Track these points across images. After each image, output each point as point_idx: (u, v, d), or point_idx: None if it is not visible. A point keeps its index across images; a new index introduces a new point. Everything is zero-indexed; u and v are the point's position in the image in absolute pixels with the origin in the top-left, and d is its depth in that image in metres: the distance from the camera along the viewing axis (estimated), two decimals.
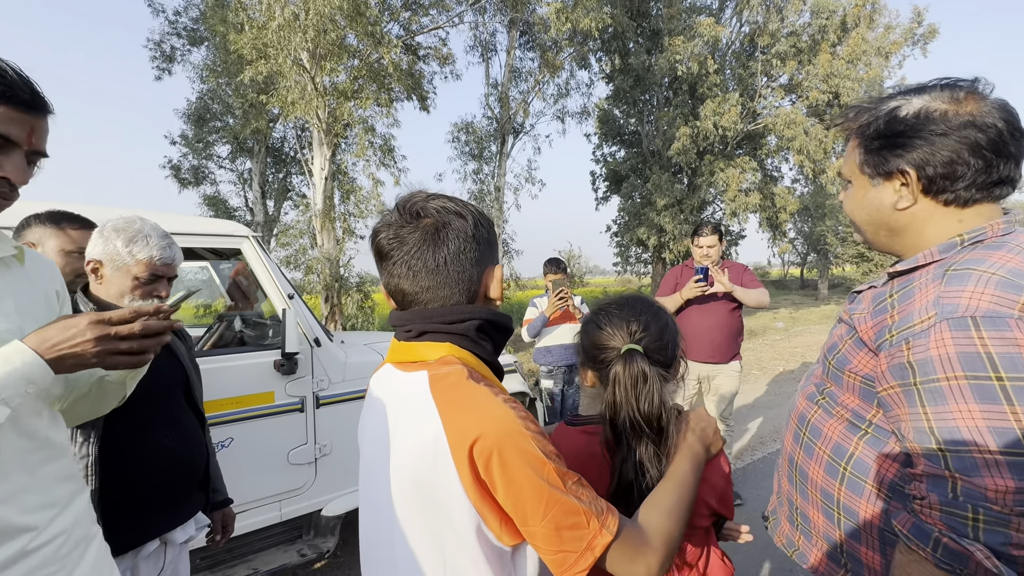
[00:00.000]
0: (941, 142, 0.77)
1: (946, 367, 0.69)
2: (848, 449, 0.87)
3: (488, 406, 0.68)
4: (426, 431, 0.69)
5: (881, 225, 0.88)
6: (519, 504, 0.65)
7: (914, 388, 0.73)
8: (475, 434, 0.66)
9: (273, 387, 2.23)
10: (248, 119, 12.11)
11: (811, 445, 0.94)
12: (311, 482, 2.34)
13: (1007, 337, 0.66)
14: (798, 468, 0.98)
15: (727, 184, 13.75)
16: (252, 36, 8.33)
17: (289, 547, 2.33)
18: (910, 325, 0.75)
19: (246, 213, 14.70)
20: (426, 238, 0.74)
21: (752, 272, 3.26)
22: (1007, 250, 0.73)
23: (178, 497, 1.33)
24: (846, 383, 0.89)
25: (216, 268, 3.20)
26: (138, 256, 1.22)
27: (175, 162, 14.34)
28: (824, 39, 13.79)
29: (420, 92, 10.26)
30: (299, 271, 9.49)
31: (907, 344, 0.74)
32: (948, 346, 0.69)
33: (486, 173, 13.85)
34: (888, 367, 0.77)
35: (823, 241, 20.58)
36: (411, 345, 0.78)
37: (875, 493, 0.83)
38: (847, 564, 0.89)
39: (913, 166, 0.79)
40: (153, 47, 13.44)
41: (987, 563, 0.64)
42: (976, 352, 0.67)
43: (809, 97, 13.72)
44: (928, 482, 0.71)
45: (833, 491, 0.89)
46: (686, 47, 12.80)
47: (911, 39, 15.05)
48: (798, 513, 0.99)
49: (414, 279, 0.75)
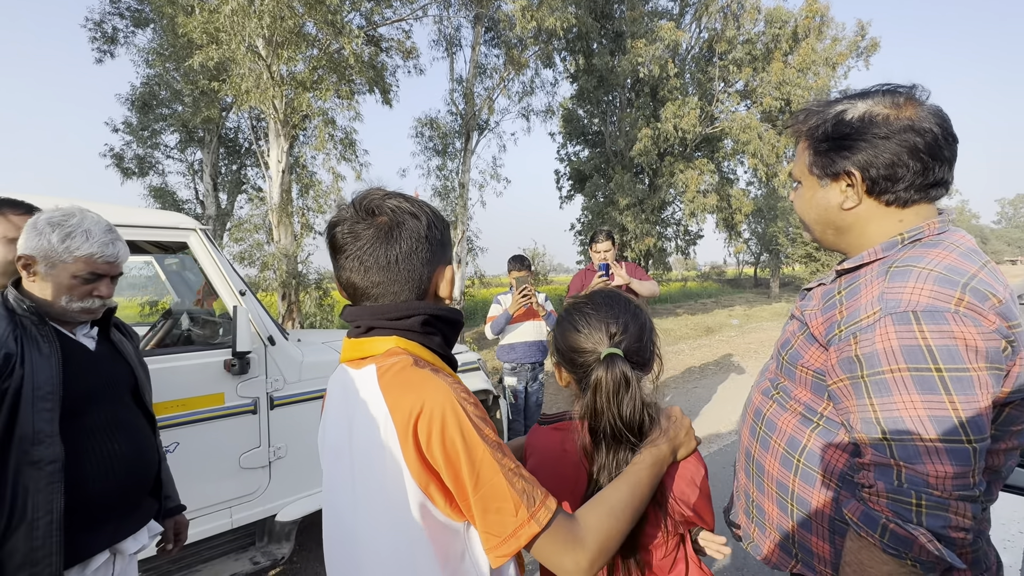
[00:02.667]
0: (883, 145, 0.80)
1: (890, 360, 0.73)
2: (801, 441, 0.90)
3: (429, 384, 0.70)
4: (376, 420, 0.71)
5: (828, 224, 0.91)
6: (458, 479, 0.67)
7: (861, 381, 0.76)
8: (417, 409, 0.68)
9: (223, 388, 2.12)
10: (199, 107, 11.52)
11: (767, 439, 0.97)
12: (264, 486, 2.24)
13: (944, 330, 0.70)
14: (755, 462, 1.00)
15: (686, 185, 14.17)
16: (203, 20, 7.90)
17: (241, 555, 2.23)
18: (857, 320, 0.78)
19: (196, 206, 13.98)
20: (379, 235, 0.76)
21: (643, 269, 3.62)
22: (943, 248, 0.78)
23: (129, 504, 1.24)
24: (799, 377, 0.92)
25: (161, 263, 3.03)
26: (76, 253, 1.12)
27: (117, 151, 13.48)
28: (777, 48, 14.43)
29: (383, 85, 10.04)
30: (254, 267, 9.11)
31: (855, 338, 0.77)
32: (892, 340, 0.73)
33: (450, 169, 13.71)
34: (838, 361, 0.81)
35: (775, 241, 21.51)
36: (360, 341, 0.79)
37: (826, 483, 0.87)
38: (798, 554, 0.92)
39: (858, 168, 0.83)
40: (93, 27, 12.58)
41: (929, 546, 0.68)
42: (917, 345, 0.71)
43: (763, 103, 14.31)
44: (875, 471, 0.74)
45: (788, 483, 0.92)
46: (648, 50, 13.08)
47: (855, 51, 15.92)
48: (754, 506, 1.02)
49: (365, 274, 0.77)
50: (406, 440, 0.68)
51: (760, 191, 23.05)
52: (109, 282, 1.21)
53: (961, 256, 0.76)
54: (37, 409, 1.05)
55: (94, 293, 1.17)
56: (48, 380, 1.07)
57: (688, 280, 32.88)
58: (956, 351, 0.70)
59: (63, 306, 1.15)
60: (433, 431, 0.67)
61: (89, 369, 1.20)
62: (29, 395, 1.04)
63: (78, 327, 1.23)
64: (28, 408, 1.04)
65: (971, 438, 0.69)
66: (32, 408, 1.04)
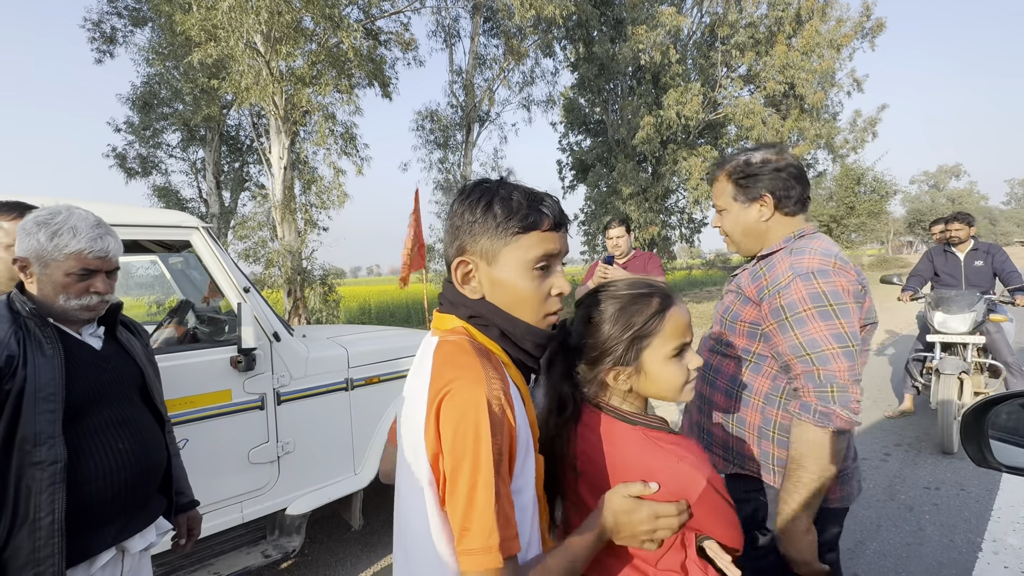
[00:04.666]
0: (779, 175, 1.26)
1: (802, 303, 1.14)
2: (740, 377, 1.30)
3: (470, 371, 0.70)
4: (420, 386, 0.73)
5: (750, 234, 1.33)
6: (454, 471, 0.67)
7: (786, 321, 1.16)
8: (447, 388, 0.69)
9: (230, 384, 2.14)
10: (199, 105, 11.52)
11: (715, 380, 1.35)
12: (274, 481, 2.27)
13: (830, 281, 1.14)
14: (706, 400, 1.36)
15: (690, 172, 14.06)
16: (200, 17, 7.87)
17: (253, 548, 2.26)
18: (778, 282, 1.19)
19: (200, 204, 14.02)
20: (471, 207, 0.78)
21: (658, 261, 3.46)
22: (817, 239, 1.25)
23: (135, 502, 1.24)
24: (738, 331, 1.31)
25: (166, 262, 3.04)
26: (66, 250, 1.11)
27: (120, 150, 13.51)
28: (780, 31, 14.21)
29: (382, 78, 9.98)
30: (259, 264, 9.14)
31: (779, 294, 1.18)
32: (802, 291, 1.14)
33: (452, 162, 13.68)
34: (769, 311, 1.20)
35: None
36: (440, 316, 0.83)
37: (755, 403, 1.27)
38: (734, 459, 1.30)
39: (768, 191, 1.26)
40: (92, 27, 12.57)
41: (842, 414, 1.07)
42: (816, 292, 1.13)
43: (766, 88, 14.13)
44: (804, 376, 1.12)
45: (730, 408, 1.31)
46: (649, 36, 12.93)
47: (860, 32, 15.67)
48: (705, 433, 1.37)
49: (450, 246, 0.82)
50: (430, 413, 0.69)
51: None
52: (105, 277, 1.19)
53: (828, 243, 1.22)
54: (39, 411, 1.05)
55: (91, 290, 1.16)
56: (50, 381, 1.07)
57: (693, 268, 32.71)
58: (838, 293, 1.13)
59: (62, 305, 1.14)
60: (452, 415, 0.67)
61: (94, 369, 1.19)
62: (31, 396, 1.05)
63: (84, 327, 1.23)
64: (30, 409, 1.04)
65: (854, 344, 1.10)
66: (34, 409, 1.05)
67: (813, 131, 15.38)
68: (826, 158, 21.00)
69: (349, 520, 2.59)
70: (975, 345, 3.87)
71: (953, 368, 3.62)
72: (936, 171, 73.03)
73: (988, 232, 62.03)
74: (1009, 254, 4.22)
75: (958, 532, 2.60)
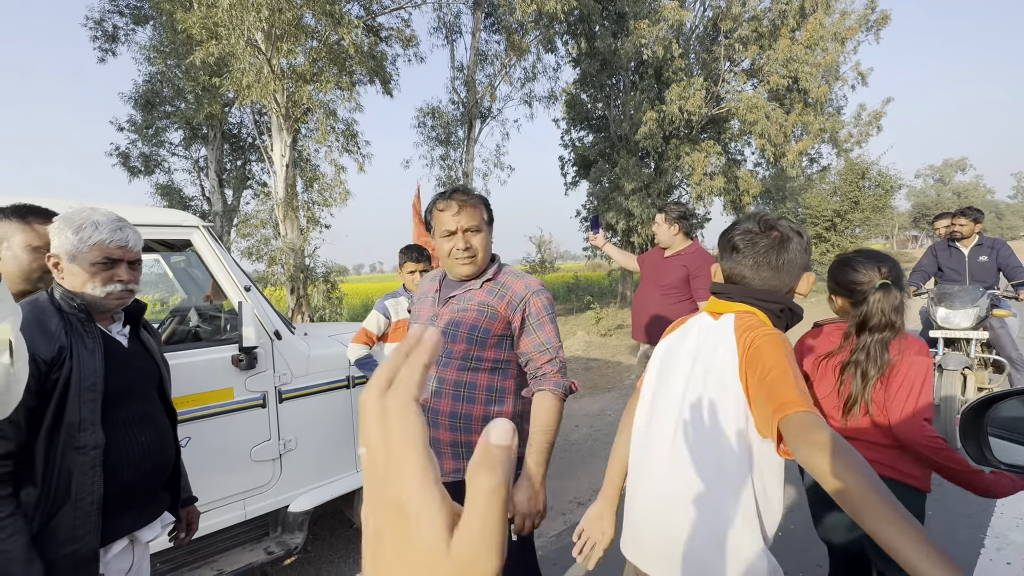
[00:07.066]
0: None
1: (540, 312, 1.49)
2: (494, 385, 1.51)
3: (772, 331, 1.02)
4: (722, 348, 1.05)
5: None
6: (761, 378, 0.95)
7: (531, 326, 1.49)
8: (758, 332, 1.01)
9: (232, 383, 2.15)
10: (201, 103, 11.53)
11: (472, 396, 1.49)
12: (276, 478, 2.28)
13: (548, 298, 1.53)
14: (461, 416, 1.49)
15: (692, 168, 13.97)
16: (201, 15, 7.87)
17: (256, 545, 2.27)
18: (522, 296, 1.49)
19: (203, 203, 14.04)
20: (774, 245, 1.08)
21: (712, 259, 3.27)
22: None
23: (149, 493, 1.33)
24: (489, 344, 1.49)
25: (168, 261, 3.05)
26: (89, 242, 1.21)
27: (123, 149, 13.53)
28: (784, 24, 14.06)
29: (383, 75, 9.97)
30: (262, 262, 9.16)
31: (525, 305, 1.48)
32: (540, 303, 1.51)
33: (454, 159, 13.65)
34: (523, 319, 1.49)
35: None
36: (725, 303, 1.13)
37: (504, 400, 1.52)
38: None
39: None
40: (93, 26, 12.57)
41: (570, 384, 1.48)
42: (546, 304, 1.51)
43: (770, 82, 14.00)
44: (549, 364, 1.46)
45: (488, 413, 1.49)
46: (651, 31, 12.83)
47: (865, 25, 15.52)
48: (462, 447, 1.51)
49: (757, 270, 1.10)
50: (743, 348, 1.01)
51: (768, 172, 22.66)
52: (127, 267, 1.27)
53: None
54: (83, 400, 1.14)
55: (115, 278, 1.24)
56: (92, 372, 1.16)
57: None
58: (551, 307, 1.53)
59: (91, 294, 1.22)
60: (767, 342, 0.98)
61: (124, 364, 1.28)
62: (76, 386, 1.14)
63: (113, 325, 1.31)
64: (75, 398, 1.13)
65: (561, 342, 1.53)
66: (79, 398, 1.14)
67: (817, 125, 15.26)
68: (830, 152, 20.86)
69: (351, 517, 2.61)
70: (978, 340, 3.85)
71: (956, 364, 3.60)
72: (942, 165, 72.42)
73: (994, 226, 61.51)
74: (1015, 248, 4.18)
75: (960, 528, 2.59)
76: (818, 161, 22.70)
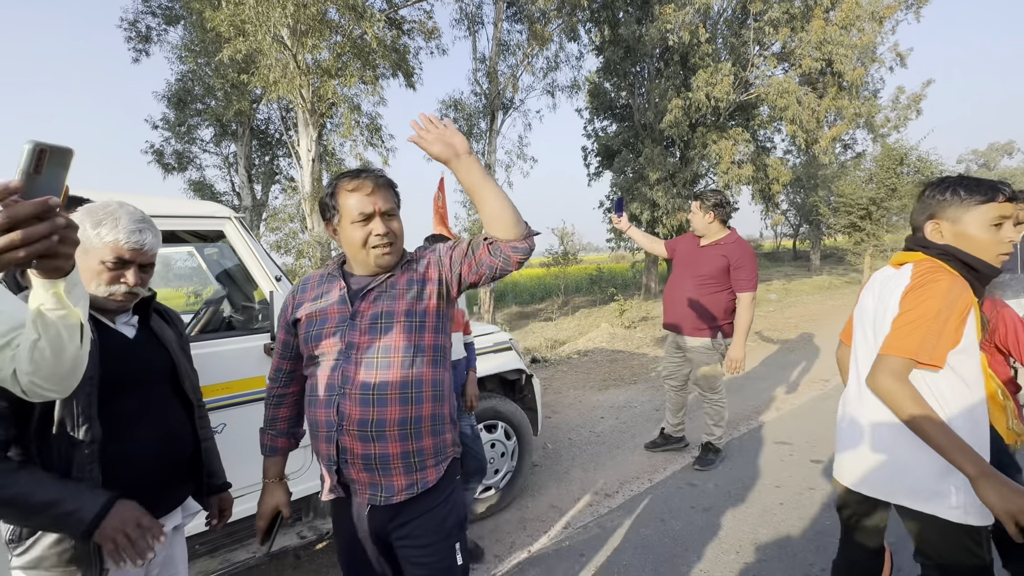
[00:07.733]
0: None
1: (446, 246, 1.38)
2: (438, 378, 1.33)
3: (947, 272, 1.28)
4: (900, 285, 1.34)
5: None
6: (910, 310, 1.27)
7: (443, 252, 1.35)
8: (932, 271, 1.29)
9: (264, 371, 2.19)
10: (230, 100, 11.80)
11: (420, 395, 1.28)
12: (308, 464, 2.32)
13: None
14: (412, 420, 1.27)
15: (720, 156, 13.62)
16: (229, 12, 8.02)
17: (289, 529, 2.33)
18: (434, 249, 1.37)
19: (233, 198, 14.44)
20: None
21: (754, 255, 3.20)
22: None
23: (157, 488, 1.27)
24: (427, 327, 1.31)
25: (201, 252, 3.13)
26: (104, 239, 1.15)
27: (158, 147, 13.99)
28: (817, 4, 13.50)
29: (405, 68, 10.00)
30: (290, 255, 9.37)
31: (437, 252, 1.35)
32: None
33: (476, 151, 13.63)
34: (439, 258, 1.33)
35: (815, 212, 20.33)
36: (906, 254, 1.42)
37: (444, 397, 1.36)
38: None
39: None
40: (128, 27, 12.97)
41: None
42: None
43: (802, 65, 13.50)
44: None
45: (437, 411, 1.33)
46: (677, 16, 12.50)
47: (905, 3, 14.79)
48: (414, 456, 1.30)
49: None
50: (915, 281, 1.29)
51: (799, 159, 21.90)
52: (137, 270, 1.21)
53: None
54: (79, 393, 1.07)
55: (120, 280, 1.18)
56: (88, 366, 1.09)
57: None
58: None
59: (93, 292, 1.16)
60: (932, 281, 1.26)
61: (125, 357, 1.22)
62: None
63: (118, 316, 1.26)
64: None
65: None
66: (74, 391, 1.06)
67: (852, 109, 14.66)
68: (866, 138, 20.04)
69: None
70: None
71: None
72: (986, 149, 68.83)
73: None
74: None
75: None
76: (852, 147, 21.83)
